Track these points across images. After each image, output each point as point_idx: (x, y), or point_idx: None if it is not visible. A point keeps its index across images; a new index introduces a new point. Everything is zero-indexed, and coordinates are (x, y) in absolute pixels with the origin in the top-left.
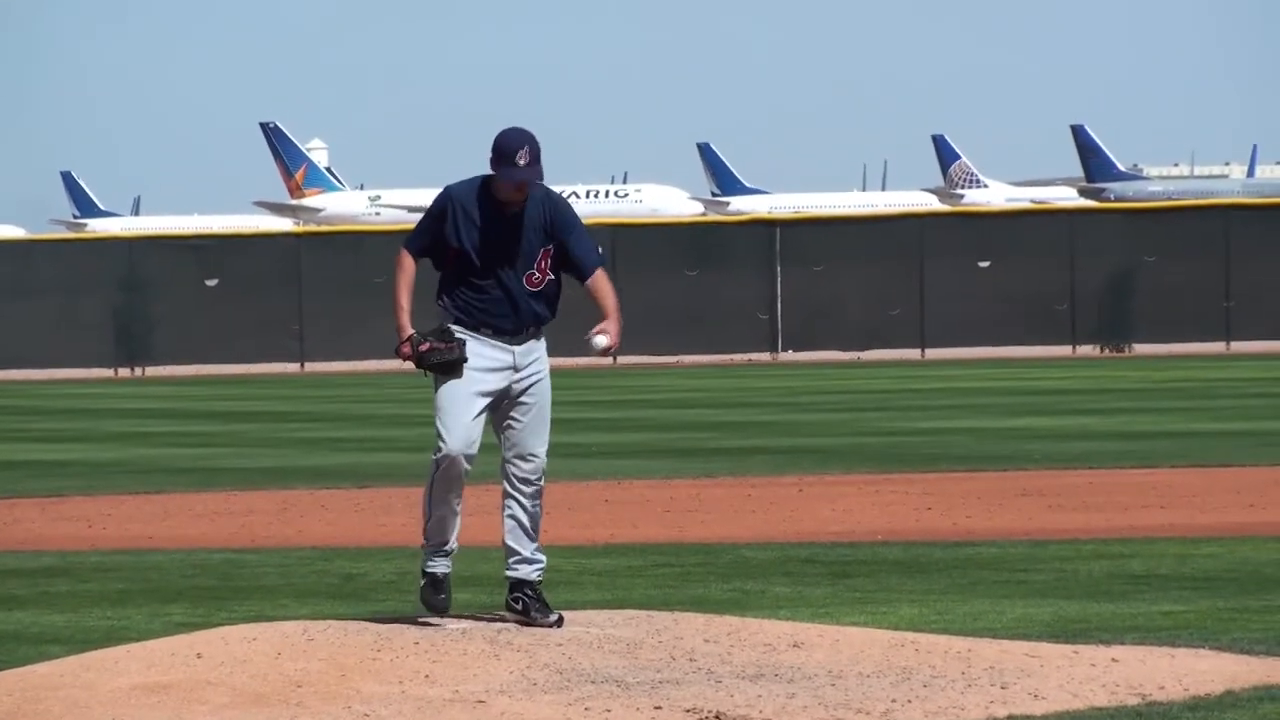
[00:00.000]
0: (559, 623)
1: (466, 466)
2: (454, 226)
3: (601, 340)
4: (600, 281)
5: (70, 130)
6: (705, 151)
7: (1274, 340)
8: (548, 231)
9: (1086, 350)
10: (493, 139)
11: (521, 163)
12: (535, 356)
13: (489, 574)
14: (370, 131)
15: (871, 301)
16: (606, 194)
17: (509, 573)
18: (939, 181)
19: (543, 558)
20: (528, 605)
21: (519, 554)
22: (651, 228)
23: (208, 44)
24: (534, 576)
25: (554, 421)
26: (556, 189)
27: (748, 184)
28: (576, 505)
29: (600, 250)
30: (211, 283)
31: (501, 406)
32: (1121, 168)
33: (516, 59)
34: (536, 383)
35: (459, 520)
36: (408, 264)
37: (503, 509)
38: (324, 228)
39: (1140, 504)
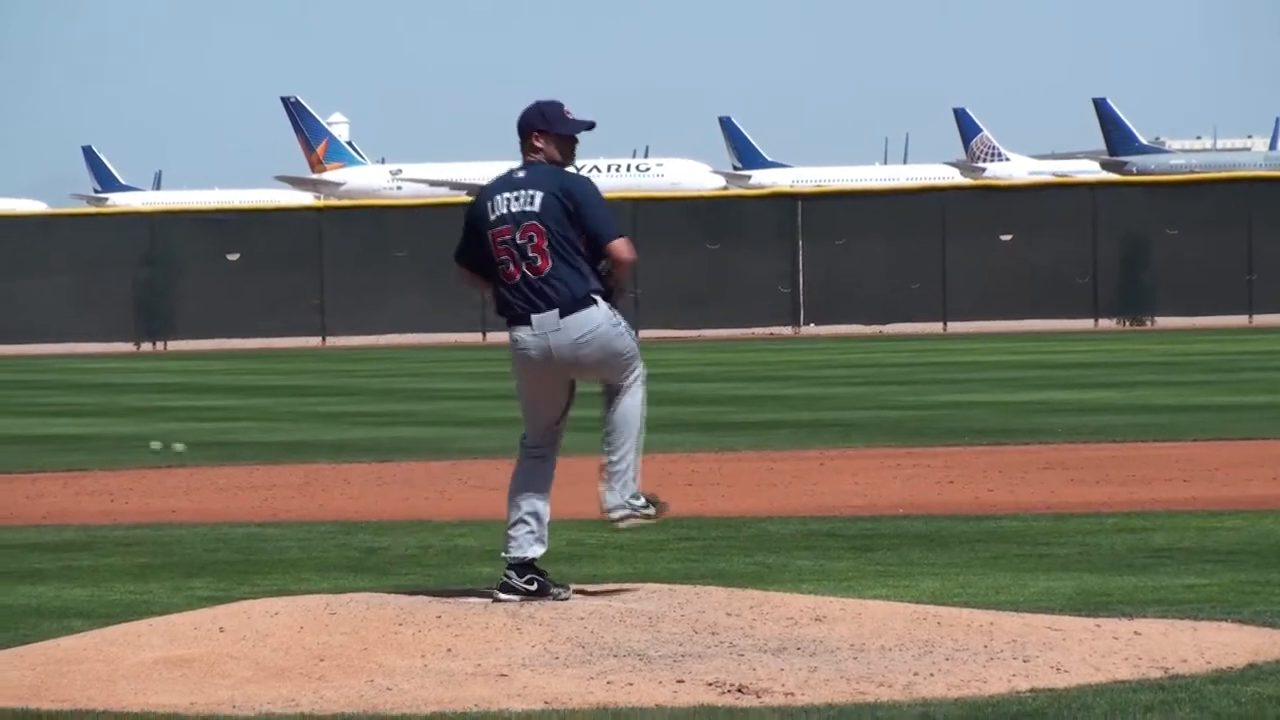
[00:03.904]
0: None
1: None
2: None
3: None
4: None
5: (91, 105)
6: (727, 125)
7: None
8: None
9: (1108, 324)
10: (531, 117)
11: (579, 116)
12: None
13: None
14: (391, 105)
15: (893, 275)
16: (628, 168)
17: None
18: (961, 155)
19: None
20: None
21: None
22: (673, 201)
23: (229, 18)
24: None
25: (577, 395)
26: (581, 163)
27: (769, 158)
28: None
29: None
30: (233, 257)
31: None
32: (1144, 141)
33: (539, 32)
34: None
35: None
36: None
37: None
38: (345, 202)
39: (1163, 477)
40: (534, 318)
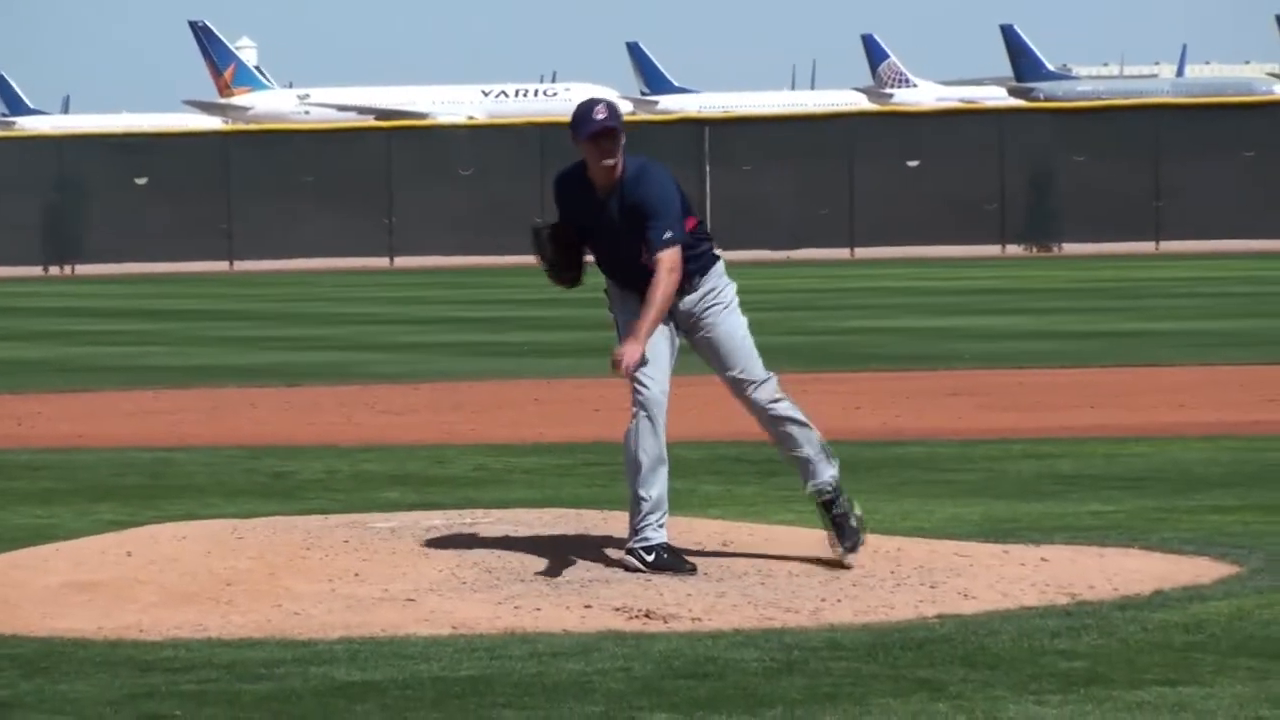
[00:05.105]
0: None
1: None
2: None
3: (612, 362)
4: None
5: None
6: (634, 51)
7: (1202, 240)
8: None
9: (1015, 250)
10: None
11: (599, 116)
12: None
13: (418, 472)
14: (299, 30)
15: (801, 201)
16: (535, 93)
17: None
18: (868, 81)
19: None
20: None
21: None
22: None
23: None
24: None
25: (482, 321)
26: (486, 88)
27: (676, 83)
28: (506, 403)
29: (669, 235)
30: (141, 181)
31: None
32: (1051, 68)
33: None
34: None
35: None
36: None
37: None
38: (253, 126)
39: (1069, 404)
40: None
